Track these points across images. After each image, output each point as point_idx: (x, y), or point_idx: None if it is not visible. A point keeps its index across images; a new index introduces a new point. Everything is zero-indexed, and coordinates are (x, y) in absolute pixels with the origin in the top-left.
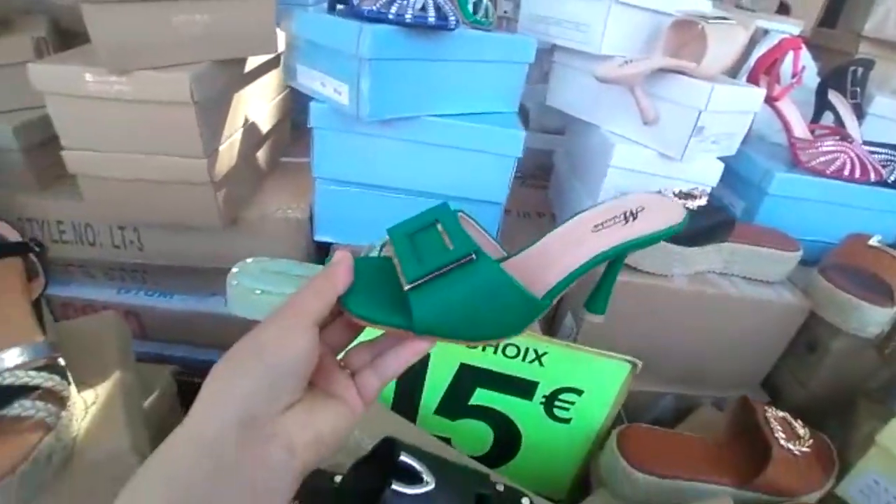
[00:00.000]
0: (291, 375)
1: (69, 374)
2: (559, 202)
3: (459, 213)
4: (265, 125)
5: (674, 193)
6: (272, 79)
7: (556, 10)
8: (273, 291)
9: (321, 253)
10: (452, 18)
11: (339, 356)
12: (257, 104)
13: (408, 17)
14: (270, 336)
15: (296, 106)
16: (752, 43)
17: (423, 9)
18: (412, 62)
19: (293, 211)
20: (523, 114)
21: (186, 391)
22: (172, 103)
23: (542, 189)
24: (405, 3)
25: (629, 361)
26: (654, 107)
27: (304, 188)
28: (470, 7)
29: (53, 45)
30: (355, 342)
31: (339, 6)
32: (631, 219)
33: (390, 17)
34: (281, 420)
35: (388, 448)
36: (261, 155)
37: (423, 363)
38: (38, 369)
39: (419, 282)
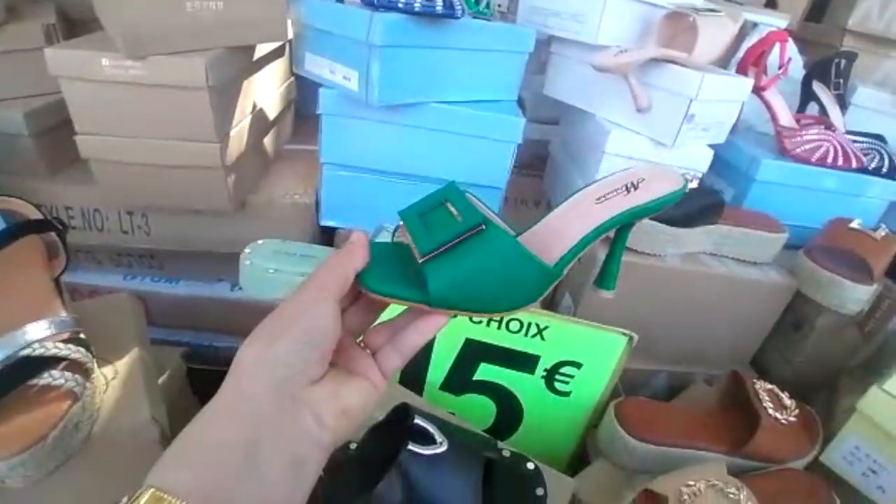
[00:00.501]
0: (316, 346)
1: (92, 347)
2: (555, 189)
3: (467, 193)
4: (271, 112)
5: None
6: (278, 67)
7: (554, 1)
8: (286, 270)
9: (326, 238)
10: (458, 8)
11: (359, 339)
12: (264, 92)
13: (417, 6)
14: (294, 310)
15: (298, 95)
16: (741, 36)
17: None
18: (420, 49)
19: (299, 196)
20: (520, 104)
21: (192, 377)
22: (187, 88)
23: (537, 178)
24: None
25: (626, 334)
26: (647, 95)
27: (308, 174)
28: None
29: (61, 33)
30: (373, 325)
31: None
32: (632, 189)
33: (400, 5)
34: (310, 391)
35: (402, 413)
36: (267, 141)
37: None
38: (63, 342)
39: (432, 254)
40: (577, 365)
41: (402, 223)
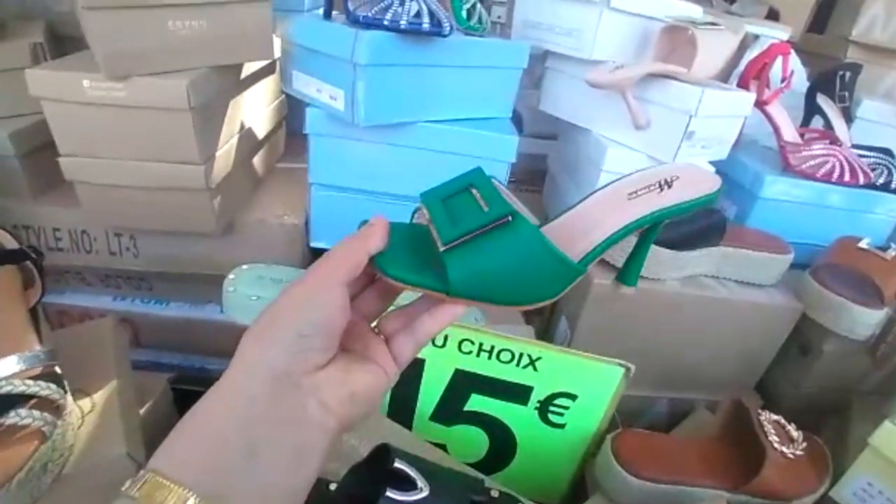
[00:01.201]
0: (321, 333)
1: (66, 382)
2: (554, 206)
3: (492, 178)
4: (261, 131)
5: None
6: (267, 85)
7: (548, 16)
8: (269, 297)
9: (317, 259)
10: (447, 25)
11: (373, 324)
12: (253, 110)
13: (402, 23)
14: (299, 295)
15: (290, 112)
16: (743, 48)
17: (418, 15)
18: (407, 68)
19: (289, 217)
20: (517, 119)
21: (182, 399)
22: (169, 109)
23: (535, 193)
24: (400, 9)
25: (622, 365)
26: (645, 111)
27: (299, 194)
28: (464, 13)
29: (49, 51)
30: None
31: (334, 12)
32: (665, 187)
33: (385, 23)
34: (315, 377)
35: (382, 454)
36: (257, 161)
37: (419, 369)
38: (35, 378)
39: (455, 243)
40: (572, 396)
41: (421, 205)
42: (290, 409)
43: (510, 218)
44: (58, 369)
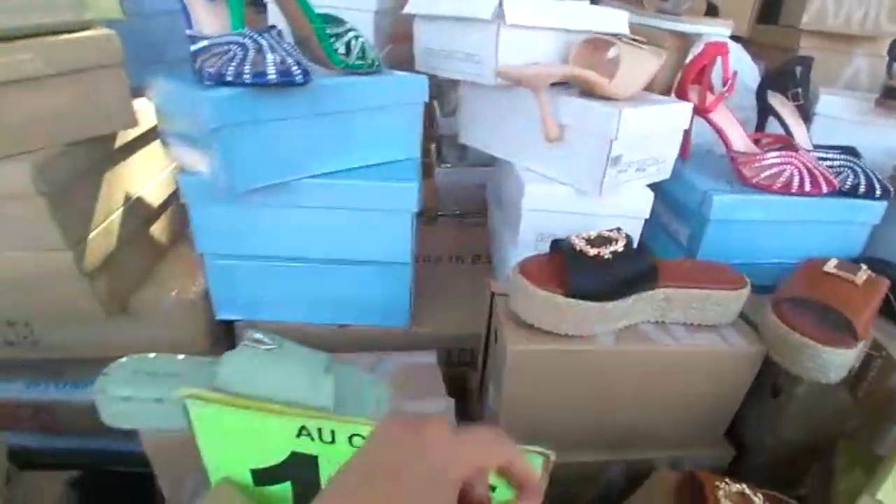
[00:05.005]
0: None
1: None
2: (492, 245)
3: None
4: (156, 198)
5: (585, 240)
6: (158, 149)
7: (446, 41)
8: (139, 397)
9: (229, 333)
10: (297, 71)
11: None
12: (141, 178)
13: (246, 76)
14: None
15: None
16: (685, 50)
17: (262, 65)
18: (271, 123)
19: (184, 291)
20: (460, 148)
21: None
22: (14, 197)
23: (482, 227)
24: (243, 61)
25: (540, 453)
26: (558, 123)
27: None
28: (342, 49)
29: None
30: None
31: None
32: None
33: (228, 78)
34: None
35: None
36: (157, 230)
37: (314, 466)
38: None
39: None
40: (491, 488)
41: None
42: None
43: None
44: None
